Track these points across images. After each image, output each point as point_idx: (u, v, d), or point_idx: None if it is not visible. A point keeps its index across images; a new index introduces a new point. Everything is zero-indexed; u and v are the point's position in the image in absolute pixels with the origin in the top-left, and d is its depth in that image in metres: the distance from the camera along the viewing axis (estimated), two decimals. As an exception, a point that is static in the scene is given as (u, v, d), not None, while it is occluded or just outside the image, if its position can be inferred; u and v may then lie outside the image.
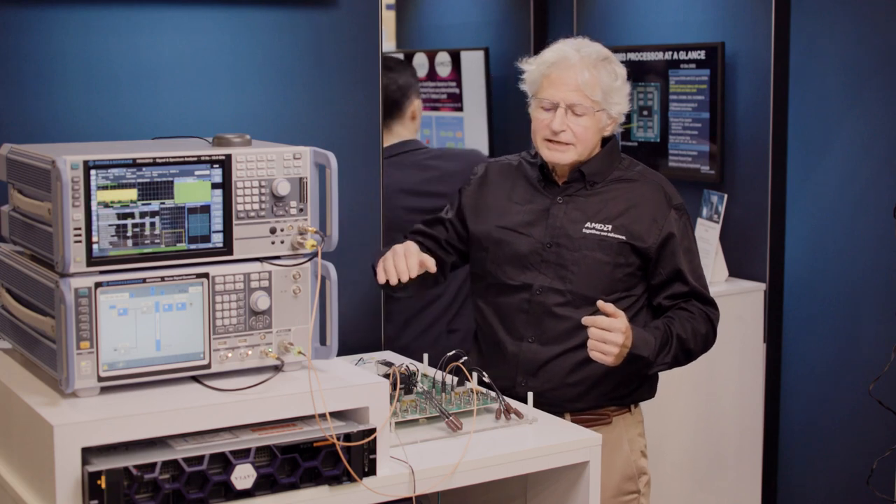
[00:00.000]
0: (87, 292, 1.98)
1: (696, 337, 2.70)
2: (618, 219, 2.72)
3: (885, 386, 3.37)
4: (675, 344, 2.66)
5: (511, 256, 2.76)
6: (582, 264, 2.70)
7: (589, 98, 2.68)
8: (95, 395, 2.02)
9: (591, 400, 2.74)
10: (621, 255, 2.70)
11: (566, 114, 2.69)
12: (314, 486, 2.06)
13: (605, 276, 2.70)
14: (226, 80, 2.89)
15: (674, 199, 2.76)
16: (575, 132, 2.69)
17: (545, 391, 2.69)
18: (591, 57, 2.71)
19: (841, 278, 3.95)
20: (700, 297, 2.74)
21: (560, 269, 2.71)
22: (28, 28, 2.66)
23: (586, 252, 2.70)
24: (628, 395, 2.78)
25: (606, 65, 2.72)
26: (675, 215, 2.74)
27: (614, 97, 2.72)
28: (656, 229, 2.72)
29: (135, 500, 1.89)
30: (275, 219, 2.15)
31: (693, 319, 2.71)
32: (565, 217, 2.74)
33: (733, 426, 4.06)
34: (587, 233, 2.72)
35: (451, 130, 5.83)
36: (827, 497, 4.04)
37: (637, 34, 4.57)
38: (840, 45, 3.91)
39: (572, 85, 2.68)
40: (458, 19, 5.83)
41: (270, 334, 2.15)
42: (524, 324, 2.74)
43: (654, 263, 2.73)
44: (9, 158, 2.19)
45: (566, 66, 2.70)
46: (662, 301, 2.75)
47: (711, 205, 4.16)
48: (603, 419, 2.75)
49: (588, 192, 2.76)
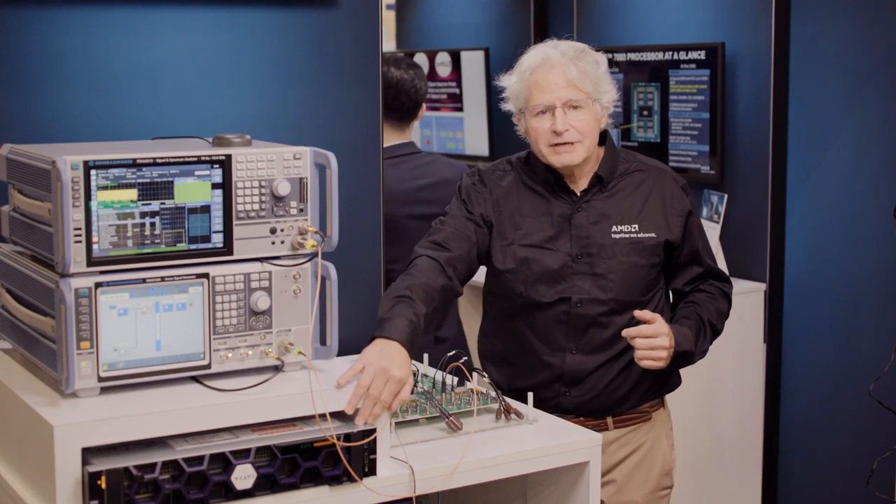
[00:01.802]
0: (87, 292, 1.98)
1: (721, 317, 2.75)
2: (640, 215, 2.68)
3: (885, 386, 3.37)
4: (709, 329, 2.70)
5: (541, 274, 2.66)
6: (618, 270, 2.65)
7: (582, 90, 2.62)
8: (95, 396, 2.02)
9: (633, 401, 2.74)
10: (655, 255, 2.68)
11: (565, 112, 2.61)
12: (314, 486, 2.06)
13: (643, 278, 2.68)
14: (226, 81, 2.89)
15: (679, 180, 2.77)
16: (578, 128, 2.62)
17: (591, 399, 2.69)
18: (570, 52, 2.65)
19: (841, 278, 3.95)
20: (716, 276, 2.77)
21: (597, 279, 2.65)
22: (28, 28, 2.66)
23: (621, 258, 2.65)
24: (662, 387, 2.79)
25: (586, 55, 2.67)
26: (686, 196, 2.76)
27: (603, 85, 2.67)
28: (677, 216, 2.70)
29: (135, 500, 1.89)
30: (275, 219, 2.15)
31: (714, 300, 2.74)
32: (589, 225, 2.67)
33: (733, 426, 4.06)
34: (617, 237, 2.66)
35: (451, 130, 5.83)
36: (827, 497, 4.04)
37: (637, 34, 4.56)
38: (840, 45, 3.91)
39: (562, 82, 2.62)
40: (458, 19, 5.83)
41: (270, 334, 2.15)
42: (564, 336, 2.68)
43: (678, 248, 2.73)
44: (9, 158, 2.19)
45: (549, 66, 2.63)
46: (684, 287, 2.76)
47: (711, 205, 4.16)
48: (644, 416, 2.76)
49: (603, 195, 2.70)
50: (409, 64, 3.68)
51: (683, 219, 2.71)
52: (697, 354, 2.68)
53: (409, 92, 3.59)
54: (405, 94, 3.59)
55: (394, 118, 3.60)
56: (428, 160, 3.66)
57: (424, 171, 3.58)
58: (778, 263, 4.10)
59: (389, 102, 3.55)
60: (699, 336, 2.67)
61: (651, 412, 2.78)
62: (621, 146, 2.84)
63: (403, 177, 3.55)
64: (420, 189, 3.55)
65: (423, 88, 3.65)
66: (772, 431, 4.15)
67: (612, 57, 4.58)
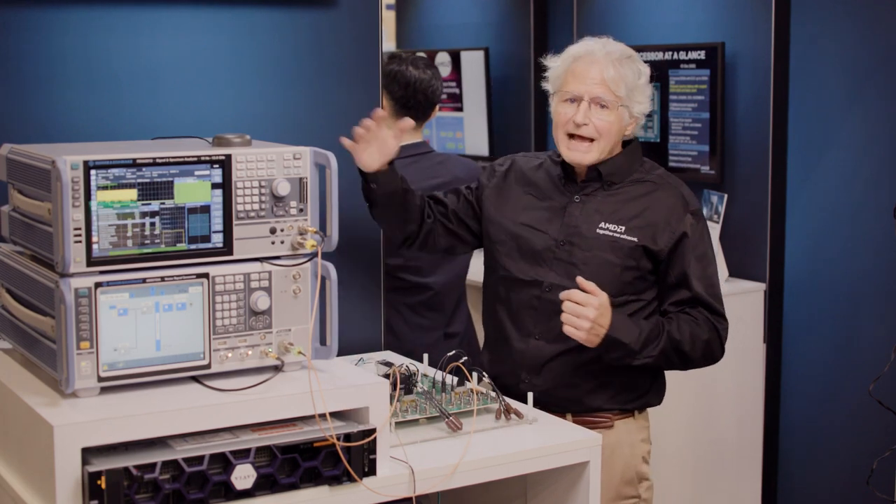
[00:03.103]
0: (87, 292, 1.98)
1: (694, 341, 2.67)
2: (632, 220, 2.71)
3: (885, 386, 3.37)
4: (666, 341, 2.65)
5: (526, 252, 2.76)
6: (591, 264, 2.69)
7: (613, 93, 2.69)
8: (95, 396, 2.02)
9: (594, 402, 2.73)
10: (632, 258, 2.69)
11: (590, 107, 2.69)
12: (314, 486, 2.06)
13: (614, 278, 2.69)
14: (226, 81, 2.89)
15: (691, 204, 2.75)
16: (598, 126, 2.69)
17: (548, 390, 2.69)
18: (615, 53, 2.73)
19: (841, 278, 3.95)
20: (708, 306, 2.71)
21: (570, 268, 2.71)
22: (28, 28, 2.66)
23: (597, 252, 2.70)
24: (633, 400, 2.76)
25: (631, 62, 2.74)
26: (692, 220, 2.72)
27: (637, 95, 2.73)
28: (669, 232, 2.70)
29: (135, 500, 1.89)
30: (275, 219, 2.15)
31: (694, 324, 2.68)
32: (581, 216, 2.74)
33: (733, 426, 4.06)
34: (601, 233, 2.71)
35: (451, 130, 5.83)
36: (827, 497, 4.04)
37: (637, 34, 4.56)
38: (840, 45, 3.91)
39: (597, 78, 2.69)
40: (458, 19, 5.84)
41: (270, 334, 2.15)
42: (533, 321, 2.74)
43: (665, 266, 2.72)
44: (9, 158, 2.19)
45: (591, 60, 2.71)
46: (668, 307, 2.73)
47: (711, 205, 4.16)
48: (605, 422, 2.74)
49: (606, 193, 2.75)
50: (426, 64, 3.67)
51: (675, 237, 2.70)
52: (642, 357, 2.63)
53: (427, 92, 3.58)
54: (422, 93, 3.58)
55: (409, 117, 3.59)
56: (441, 159, 3.65)
57: (437, 170, 3.57)
58: (778, 263, 4.11)
59: (406, 101, 3.55)
60: (650, 340, 2.63)
61: (614, 420, 2.76)
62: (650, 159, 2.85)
63: (416, 176, 3.53)
64: (433, 189, 3.54)
65: (440, 89, 3.65)
66: (772, 431, 4.16)
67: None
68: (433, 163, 3.59)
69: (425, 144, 3.65)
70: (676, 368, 2.74)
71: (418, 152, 3.58)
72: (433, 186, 3.54)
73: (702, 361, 2.73)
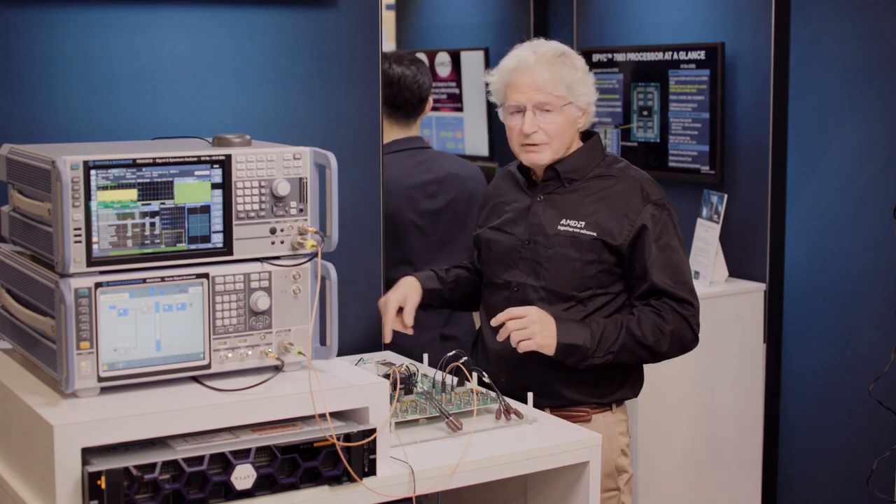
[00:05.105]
0: (87, 292, 1.98)
1: (657, 333, 2.68)
2: (592, 215, 2.76)
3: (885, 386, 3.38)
4: (625, 336, 2.67)
5: (497, 255, 2.85)
6: (554, 261, 2.76)
7: (553, 94, 2.74)
8: (95, 396, 2.02)
9: (569, 396, 2.77)
10: (592, 252, 2.73)
11: (535, 115, 2.75)
12: (314, 486, 2.06)
13: (577, 273, 2.74)
14: (226, 81, 2.89)
15: (652, 195, 2.76)
16: (546, 131, 2.76)
17: (525, 387, 2.69)
18: (547, 55, 2.77)
19: (841, 278, 3.95)
20: (671, 296, 2.71)
21: (535, 266, 2.78)
22: (28, 28, 2.66)
23: (559, 249, 2.76)
24: (609, 394, 2.80)
25: (564, 59, 2.79)
26: (653, 210, 2.74)
27: (578, 88, 2.78)
28: (628, 225, 2.73)
29: (135, 500, 1.89)
30: (275, 219, 2.15)
31: (657, 316, 2.69)
32: (543, 215, 2.80)
33: (733, 426, 4.06)
34: (561, 230, 2.77)
35: (451, 130, 5.83)
36: (827, 497, 4.04)
37: (637, 34, 4.57)
38: (840, 45, 3.91)
39: (534, 85, 2.75)
40: (458, 19, 5.84)
41: (270, 334, 2.15)
42: None
43: (629, 260, 2.74)
44: (9, 158, 2.19)
45: (525, 68, 2.77)
46: (634, 301, 2.76)
47: (711, 205, 4.16)
48: (582, 416, 2.77)
49: (566, 190, 2.81)
50: (411, 60, 3.66)
51: (635, 230, 2.72)
52: (600, 355, 2.66)
53: (412, 88, 3.57)
54: (408, 90, 3.57)
55: (400, 116, 3.59)
56: (435, 155, 3.65)
57: (430, 165, 3.57)
58: (778, 263, 4.11)
59: (393, 100, 3.53)
60: (608, 338, 2.66)
61: (592, 413, 2.79)
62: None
63: (410, 171, 3.53)
64: (426, 184, 3.54)
65: (427, 83, 3.63)
66: (772, 431, 4.16)
67: (612, 57, 4.58)
68: (427, 157, 3.58)
69: (419, 139, 3.64)
70: (648, 362, 2.77)
71: (412, 146, 3.57)
72: (426, 182, 3.54)
73: (673, 352, 2.74)
